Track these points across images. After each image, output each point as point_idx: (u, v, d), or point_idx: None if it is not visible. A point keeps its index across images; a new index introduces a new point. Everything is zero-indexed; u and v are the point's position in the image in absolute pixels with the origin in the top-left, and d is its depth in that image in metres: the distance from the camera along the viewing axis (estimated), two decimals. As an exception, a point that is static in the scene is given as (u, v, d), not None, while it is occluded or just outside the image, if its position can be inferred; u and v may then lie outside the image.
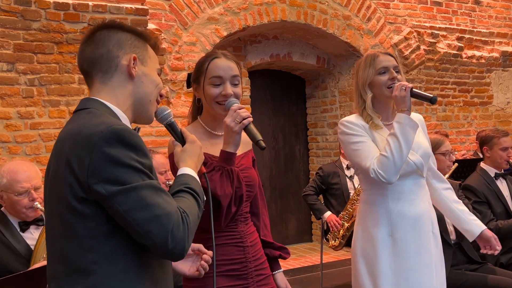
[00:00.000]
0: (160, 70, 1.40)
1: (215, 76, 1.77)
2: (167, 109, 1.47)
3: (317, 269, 4.88)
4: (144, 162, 1.18)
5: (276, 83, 6.32)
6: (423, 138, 2.20)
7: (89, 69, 1.33)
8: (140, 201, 1.14)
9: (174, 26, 4.73)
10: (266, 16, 5.15)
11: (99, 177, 1.14)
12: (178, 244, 1.16)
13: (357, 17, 5.71)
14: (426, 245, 2.12)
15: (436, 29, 6.17)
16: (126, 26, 1.37)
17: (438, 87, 6.25)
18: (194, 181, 1.33)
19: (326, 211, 4.29)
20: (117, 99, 1.30)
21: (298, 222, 6.47)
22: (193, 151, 1.42)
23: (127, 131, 1.18)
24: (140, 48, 1.35)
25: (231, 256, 1.77)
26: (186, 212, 1.20)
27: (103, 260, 1.18)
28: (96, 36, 1.33)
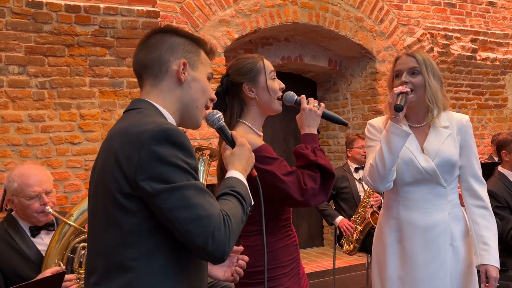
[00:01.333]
0: (211, 74, 1.42)
1: (273, 70, 1.88)
2: (217, 113, 1.48)
3: (330, 274, 4.81)
4: (190, 162, 1.20)
5: (287, 86, 6.19)
6: (449, 145, 2.06)
7: (142, 72, 1.36)
8: (183, 200, 1.16)
9: (185, 28, 4.69)
10: (277, 18, 5.11)
11: (146, 174, 1.16)
12: (218, 246, 1.16)
13: (369, 18, 5.65)
14: (439, 257, 2.03)
15: (450, 31, 6.09)
16: (181, 31, 1.39)
17: (451, 90, 6.17)
18: (240, 185, 1.33)
19: (337, 216, 4.23)
20: (165, 102, 1.33)
21: (309, 226, 6.41)
22: (242, 154, 1.43)
23: (176, 131, 1.20)
24: (192, 53, 1.37)
25: (293, 255, 1.83)
26: (229, 215, 1.21)
27: (143, 257, 1.19)
28: (150, 40, 1.37)
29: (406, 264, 2.05)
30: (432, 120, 2.08)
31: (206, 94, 1.39)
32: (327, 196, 1.79)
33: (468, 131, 2.10)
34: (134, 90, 4.40)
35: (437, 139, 2.07)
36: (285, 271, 1.79)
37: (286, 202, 1.77)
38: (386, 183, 2.02)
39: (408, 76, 2.05)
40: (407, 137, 1.98)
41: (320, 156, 1.78)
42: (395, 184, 2.08)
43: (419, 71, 2.04)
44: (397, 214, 2.08)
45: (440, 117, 2.08)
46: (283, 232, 1.83)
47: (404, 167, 2.05)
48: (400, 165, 2.05)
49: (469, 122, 2.12)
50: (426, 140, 2.08)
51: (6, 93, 3.92)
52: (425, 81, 2.03)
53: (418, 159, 2.04)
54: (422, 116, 2.10)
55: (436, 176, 2.03)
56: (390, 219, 2.11)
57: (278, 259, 1.79)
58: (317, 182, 1.74)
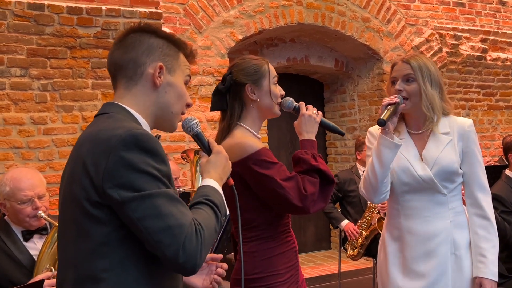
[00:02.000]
0: (189, 78, 1.38)
1: (276, 76, 1.88)
2: (193, 119, 1.43)
3: (335, 278, 4.74)
4: (161, 169, 1.16)
5: (293, 87, 6.21)
6: (449, 152, 1.99)
7: (116, 73, 1.32)
8: (153, 209, 1.11)
9: (188, 30, 4.66)
10: (282, 19, 5.05)
11: (114, 181, 1.12)
12: (189, 258, 1.12)
13: (376, 19, 5.57)
14: (441, 266, 1.97)
15: (459, 31, 5.98)
16: (160, 31, 1.34)
17: (461, 91, 6.06)
18: (215, 193, 1.29)
19: (343, 219, 4.16)
20: (139, 106, 1.29)
21: (316, 229, 6.34)
22: (218, 162, 1.38)
23: (146, 136, 1.16)
24: (170, 56, 1.33)
25: (290, 263, 1.79)
26: (202, 225, 1.16)
27: (114, 268, 1.15)
28: (127, 40, 1.32)
29: (407, 274, 2.00)
30: (432, 127, 2.01)
31: (182, 100, 1.34)
32: (326, 203, 1.76)
33: (470, 137, 2.02)
34: (136, 92, 4.37)
35: (436, 147, 2.00)
36: (282, 279, 1.75)
37: (285, 208, 1.73)
38: (380, 195, 1.99)
39: (403, 83, 2.00)
40: (397, 149, 1.94)
41: (320, 162, 1.76)
42: (395, 193, 2.04)
43: (414, 78, 1.98)
44: (398, 224, 2.04)
45: (440, 123, 2.01)
46: (281, 238, 1.79)
47: (402, 175, 2.00)
48: (397, 173, 2.00)
49: (472, 127, 2.04)
50: (425, 148, 2.02)
51: (8, 95, 3.92)
52: (420, 88, 1.97)
53: (415, 167, 1.99)
54: (422, 123, 2.04)
55: (434, 184, 1.97)
56: (391, 228, 2.08)
57: (275, 266, 1.74)
58: (317, 188, 1.71)
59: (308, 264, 5.64)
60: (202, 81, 4.70)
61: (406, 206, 2.02)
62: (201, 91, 4.67)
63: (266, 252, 1.74)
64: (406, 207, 2.02)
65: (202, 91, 4.67)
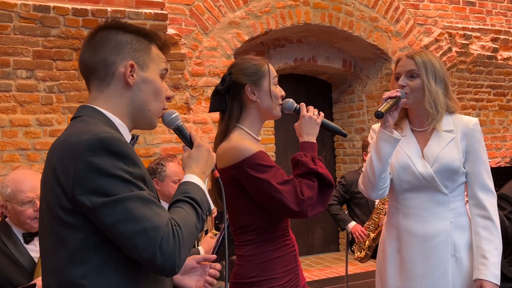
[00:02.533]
0: (165, 70, 1.32)
1: (276, 76, 1.83)
2: (173, 112, 1.39)
3: (342, 281, 4.69)
4: (133, 171, 1.12)
5: (301, 88, 6.17)
6: (451, 150, 1.95)
7: (87, 74, 1.28)
8: (126, 213, 1.08)
9: (194, 31, 4.65)
10: (289, 19, 5.02)
11: (84, 187, 1.09)
12: (168, 259, 1.09)
13: (384, 18, 5.51)
14: (439, 268, 1.92)
15: (469, 30, 5.90)
16: (129, 26, 1.29)
17: (471, 91, 5.97)
18: (196, 190, 1.25)
19: (350, 221, 4.12)
20: (113, 107, 1.25)
21: (324, 231, 6.28)
22: (200, 156, 1.33)
23: (114, 139, 1.12)
24: (141, 51, 1.27)
25: (290, 266, 1.76)
26: (179, 224, 1.13)
27: (93, 274, 1.13)
28: (95, 39, 1.27)
29: (405, 274, 1.97)
30: (434, 124, 1.98)
31: (159, 96, 1.29)
32: (324, 207, 1.72)
33: (474, 136, 1.97)
34: (142, 94, 4.37)
35: (438, 144, 1.96)
36: (279, 283, 1.71)
37: (281, 212, 1.69)
38: (378, 191, 1.96)
39: (406, 79, 1.97)
40: (396, 144, 1.90)
41: (319, 165, 1.72)
42: (394, 191, 2.01)
43: (417, 74, 1.96)
44: (397, 223, 2.01)
45: (444, 121, 1.97)
46: (279, 242, 1.75)
47: (402, 173, 1.97)
48: (397, 170, 1.97)
49: (477, 126, 1.99)
50: (426, 145, 1.98)
51: (14, 97, 3.93)
52: (423, 84, 1.95)
53: (416, 164, 1.95)
54: (425, 120, 2.01)
55: (434, 182, 1.93)
56: (390, 227, 2.04)
57: (272, 270, 1.71)
58: (315, 192, 1.67)
59: (316, 266, 5.59)
60: (208, 82, 4.68)
61: (405, 205, 1.98)
62: (207, 92, 4.65)
63: (263, 256, 1.71)
64: (405, 205, 1.98)
65: (208, 92, 4.65)
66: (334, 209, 4.16)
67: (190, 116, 4.59)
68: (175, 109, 4.72)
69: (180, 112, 4.54)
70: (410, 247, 1.95)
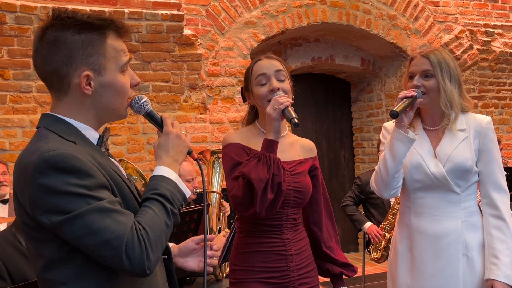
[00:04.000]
0: (127, 61, 1.24)
1: (259, 75, 1.80)
2: (141, 98, 1.32)
3: (359, 281, 4.66)
4: (87, 184, 1.10)
5: (319, 87, 6.15)
6: (463, 149, 1.94)
7: (44, 82, 1.23)
8: (86, 227, 1.08)
9: (210, 31, 4.68)
10: (305, 18, 5.00)
11: (41, 208, 1.09)
12: (136, 264, 1.10)
13: (403, 16, 5.44)
14: (450, 268, 1.91)
15: (491, 27, 5.78)
16: (77, 23, 1.17)
17: (493, 89, 5.85)
18: (164, 183, 1.22)
19: (366, 221, 4.09)
20: (75, 114, 1.21)
21: (343, 231, 6.25)
22: (169, 145, 1.27)
23: (60, 156, 1.09)
24: (94, 55, 1.18)
25: (272, 264, 1.77)
26: (145, 227, 1.13)
27: (72, 280, 1.14)
28: (44, 42, 1.17)
29: (415, 273, 1.97)
30: (448, 124, 1.96)
31: (123, 92, 1.23)
32: (256, 208, 1.65)
33: (487, 135, 1.96)
34: (160, 94, 4.42)
35: (450, 144, 1.95)
36: (256, 276, 1.76)
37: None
38: (391, 190, 1.95)
39: (421, 79, 1.96)
40: (411, 144, 1.89)
41: (247, 165, 1.68)
42: (407, 190, 2.00)
43: (432, 74, 1.94)
44: (409, 221, 2.01)
45: (458, 120, 1.96)
46: (263, 237, 1.77)
47: (414, 172, 1.96)
48: (410, 169, 1.96)
49: (490, 124, 1.98)
50: (439, 145, 1.97)
51: (34, 98, 4.03)
52: (439, 84, 1.93)
53: (428, 163, 1.94)
54: (438, 119, 2.00)
55: (446, 182, 1.92)
56: (402, 226, 2.05)
57: (248, 262, 1.78)
58: (241, 191, 1.67)
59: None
60: (225, 82, 4.70)
61: (417, 204, 1.98)
62: (224, 92, 4.68)
63: (245, 246, 1.78)
64: (417, 204, 1.98)
65: (224, 92, 4.68)
66: (350, 209, 4.14)
67: (206, 116, 4.62)
68: (191, 109, 4.75)
69: (197, 112, 4.59)
70: (421, 246, 1.95)
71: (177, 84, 4.50)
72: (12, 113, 3.98)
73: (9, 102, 3.98)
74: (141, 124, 4.37)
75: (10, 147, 3.98)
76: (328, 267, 1.90)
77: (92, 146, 1.22)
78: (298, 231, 1.84)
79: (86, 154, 1.15)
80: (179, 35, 4.43)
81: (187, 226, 2.42)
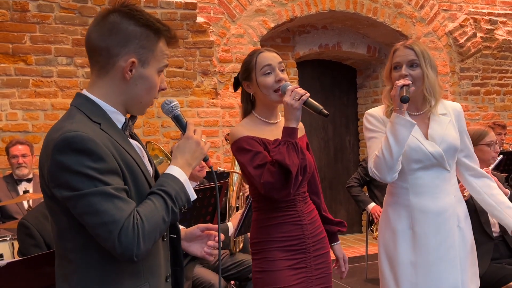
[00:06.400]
0: (165, 66, 1.36)
1: (265, 65, 1.91)
2: (172, 101, 1.44)
3: (363, 260, 4.88)
4: (98, 167, 1.18)
5: (326, 73, 6.31)
6: (451, 131, 2.12)
7: (90, 55, 1.32)
8: (89, 207, 1.17)
9: (222, 19, 4.84)
10: (314, 6, 5.16)
11: (55, 182, 1.20)
12: (126, 250, 1.18)
13: (409, 5, 5.58)
14: (449, 239, 2.09)
15: (495, 15, 5.91)
16: (141, 17, 1.29)
17: (496, 76, 6.00)
18: (172, 182, 1.30)
19: (370, 202, 4.28)
20: (107, 96, 1.30)
21: (347, 213, 6.46)
22: (187, 148, 1.37)
23: (79, 137, 1.18)
24: (146, 48, 1.29)
25: (290, 234, 1.94)
26: (142, 217, 1.21)
27: (79, 250, 1.25)
28: (107, 22, 1.28)
29: (419, 249, 2.09)
30: (430, 109, 2.12)
31: (153, 91, 1.34)
32: (288, 190, 1.83)
33: (462, 117, 2.20)
34: (174, 80, 4.61)
35: (440, 126, 2.12)
36: (278, 245, 1.92)
37: (258, 190, 1.88)
38: (393, 174, 2.05)
39: (408, 68, 2.07)
40: (412, 127, 2.02)
41: (279, 152, 1.81)
42: (404, 172, 2.12)
43: (417, 64, 2.07)
44: (407, 201, 2.11)
45: (437, 105, 2.13)
46: (280, 211, 1.93)
47: (412, 153, 2.09)
48: (408, 152, 2.09)
49: (461, 109, 2.23)
50: (429, 127, 2.12)
51: (55, 82, 4.23)
52: (423, 73, 2.07)
53: (424, 144, 2.09)
54: (420, 105, 2.15)
55: (443, 160, 2.08)
56: (398, 206, 2.14)
57: (270, 234, 1.93)
58: (274, 177, 1.80)
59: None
60: (235, 69, 4.87)
61: (416, 184, 2.10)
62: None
63: (264, 221, 1.94)
64: (416, 185, 2.10)
65: (235, 78, 4.85)
66: (355, 190, 4.32)
67: (217, 101, 4.81)
68: (203, 94, 4.94)
69: (209, 97, 4.77)
70: (423, 223, 2.09)
71: (190, 70, 4.68)
72: (34, 97, 4.19)
73: (31, 86, 4.18)
74: (156, 108, 4.56)
75: (33, 129, 4.19)
76: (327, 228, 2.10)
77: (116, 129, 1.30)
78: (308, 203, 2.02)
79: (105, 139, 1.23)
80: (192, 22, 4.61)
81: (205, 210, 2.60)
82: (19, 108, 4.15)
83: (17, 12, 4.09)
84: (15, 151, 3.75)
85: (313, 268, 1.96)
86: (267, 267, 1.92)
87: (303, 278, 1.94)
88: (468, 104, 5.92)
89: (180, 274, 1.47)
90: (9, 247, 3.02)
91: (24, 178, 3.80)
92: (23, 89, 4.16)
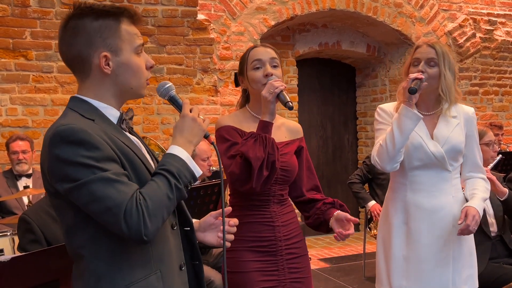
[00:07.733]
0: (141, 45, 1.35)
1: (255, 60, 1.92)
2: (166, 83, 1.45)
3: (360, 258, 4.90)
4: (94, 155, 1.21)
5: (326, 72, 6.32)
6: (457, 133, 2.15)
7: (70, 67, 1.36)
8: (91, 195, 1.19)
9: (223, 17, 4.85)
10: (314, 5, 5.16)
11: (56, 176, 1.23)
12: (134, 231, 1.20)
13: (409, 4, 5.60)
14: (443, 238, 2.12)
15: (494, 16, 5.93)
16: (96, 9, 1.31)
17: (494, 76, 6.03)
18: (173, 161, 1.31)
19: (370, 200, 4.29)
20: (96, 94, 1.33)
21: (345, 211, 6.47)
22: (184, 126, 1.37)
23: (70, 130, 1.21)
24: (110, 37, 1.30)
25: (260, 234, 1.91)
26: (145, 197, 1.23)
27: (89, 244, 1.27)
28: (68, 30, 1.31)
29: (411, 244, 2.14)
30: (443, 111, 2.15)
31: (139, 72, 1.35)
32: (252, 184, 1.80)
33: (473, 123, 2.22)
34: (174, 76, 4.61)
35: (446, 127, 2.15)
36: (246, 245, 1.89)
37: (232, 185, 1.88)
38: (394, 164, 2.09)
39: (426, 66, 2.11)
40: (418, 121, 2.04)
41: (245, 144, 1.81)
42: (404, 168, 2.16)
43: (436, 63, 2.10)
44: (404, 197, 2.17)
45: (451, 108, 2.16)
46: (252, 210, 1.91)
47: (414, 151, 2.13)
48: (409, 149, 2.13)
49: (474, 114, 2.25)
50: (436, 128, 2.16)
51: (55, 78, 4.22)
52: (440, 73, 2.10)
53: (428, 144, 2.12)
54: (432, 106, 2.18)
55: (444, 161, 2.12)
56: (396, 201, 2.19)
57: (240, 233, 1.84)
58: (239, 169, 1.80)
59: (336, 244, 5.81)
60: (235, 66, 4.88)
61: (414, 181, 2.15)
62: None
63: (237, 218, 1.87)
64: (414, 182, 2.15)
65: (235, 76, 4.86)
66: (356, 187, 4.33)
67: (217, 98, 4.82)
68: (203, 91, 4.95)
69: (208, 94, 4.78)
70: (417, 219, 2.13)
71: (190, 67, 4.69)
72: (34, 92, 4.19)
73: (31, 82, 4.18)
74: (155, 105, 4.57)
75: (33, 124, 4.19)
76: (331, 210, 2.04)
77: (110, 124, 1.32)
78: (285, 205, 1.97)
79: (98, 130, 1.25)
80: (193, 19, 4.61)
81: (209, 198, 2.63)
82: (19, 103, 4.15)
83: (18, 7, 4.08)
84: (16, 147, 3.75)
85: (286, 271, 1.92)
86: (236, 267, 1.89)
87: (274, 282, 1.90)
88: (467, 104, 5.94)
89: (199, 268, 1.48)
90: (9, 242, 3.03)
91: (24, 174, 3.83)
92: (23, 85, 4.16)
